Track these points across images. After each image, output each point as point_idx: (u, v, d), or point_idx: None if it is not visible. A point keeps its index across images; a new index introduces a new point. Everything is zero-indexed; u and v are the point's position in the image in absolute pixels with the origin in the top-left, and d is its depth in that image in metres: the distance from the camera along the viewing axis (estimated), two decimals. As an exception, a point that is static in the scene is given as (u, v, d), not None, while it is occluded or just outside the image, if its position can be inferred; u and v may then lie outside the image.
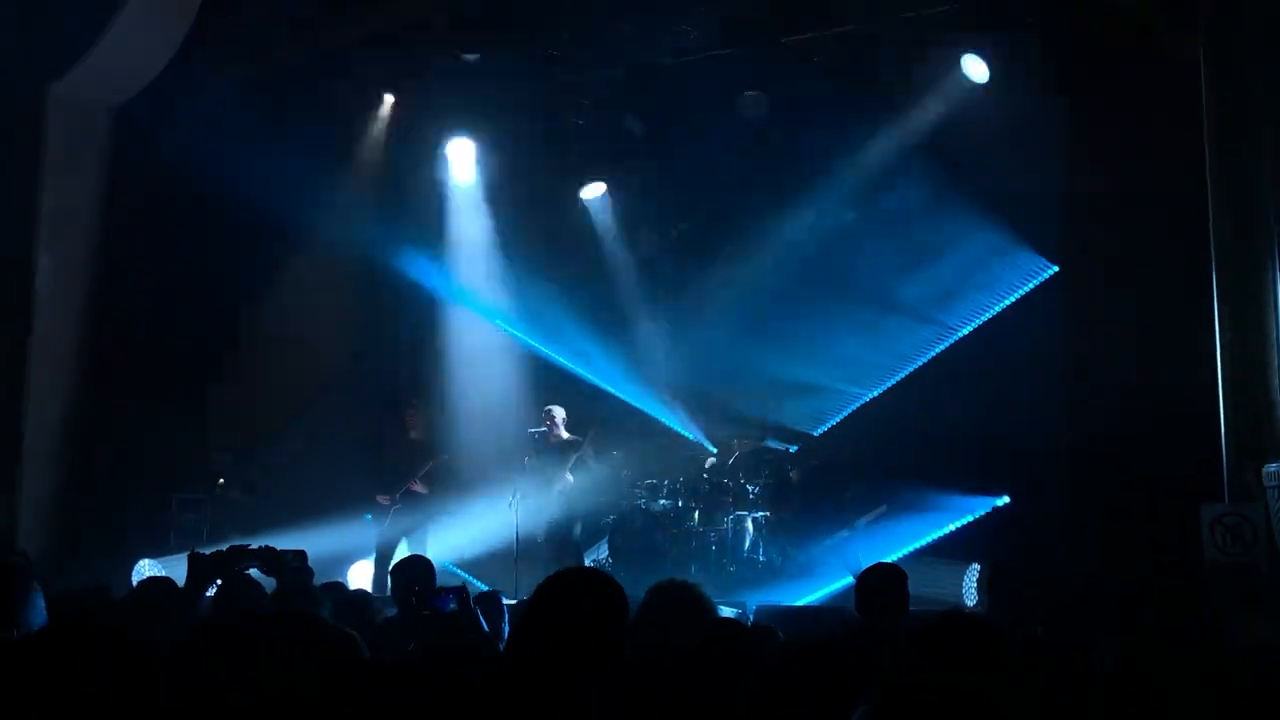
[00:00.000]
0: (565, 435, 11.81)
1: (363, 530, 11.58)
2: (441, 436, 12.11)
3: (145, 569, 11.26)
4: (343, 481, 12.61)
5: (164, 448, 12.55)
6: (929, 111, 11.65)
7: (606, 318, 13.60)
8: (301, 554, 5.98)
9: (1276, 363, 8.00)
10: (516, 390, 13.23)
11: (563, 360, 13.68)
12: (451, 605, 4.69)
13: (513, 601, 6.29)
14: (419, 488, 11.71)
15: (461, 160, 13.71)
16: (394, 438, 12.03)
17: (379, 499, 11.70)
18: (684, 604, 4.04)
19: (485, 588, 8.32)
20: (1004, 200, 11.03)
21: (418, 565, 6.53)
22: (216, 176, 12.48)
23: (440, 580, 6.21)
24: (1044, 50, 10.61)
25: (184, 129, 12.76)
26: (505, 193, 13.81)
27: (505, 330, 13.82)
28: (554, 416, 11.80)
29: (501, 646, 4.54)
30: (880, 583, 5.56)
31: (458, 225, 13.87)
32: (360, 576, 11.47)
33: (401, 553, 11.27)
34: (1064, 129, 10.21)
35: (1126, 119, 9.65)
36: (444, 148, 13.62)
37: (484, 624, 5.04)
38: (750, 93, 12.23)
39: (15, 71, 11.90)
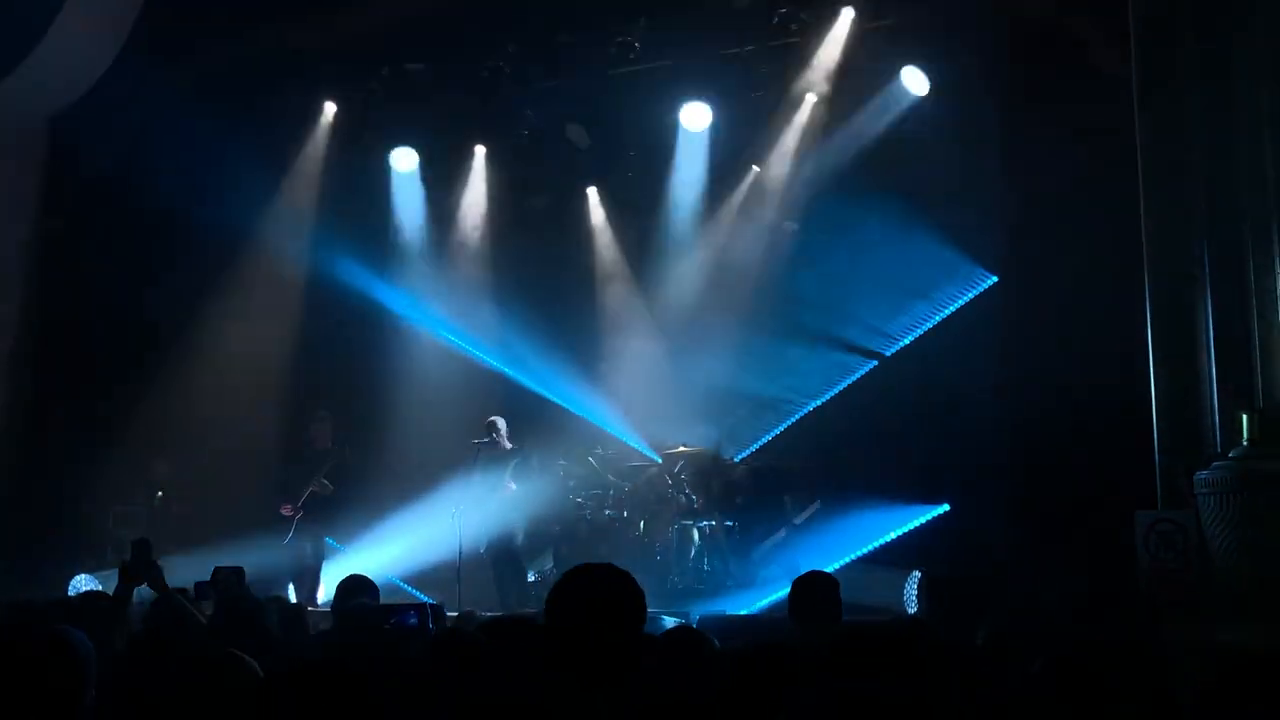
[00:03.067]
0: (507, 445, 11.78)
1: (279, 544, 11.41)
2: (339, 442, 11.82)
3: (82, 583, 11.11)
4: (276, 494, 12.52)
5: (101, 460, 12.40)
6: (869, 123, 11.77)
7: (549, 327, 13.58)
8: (239, 571, 5.98)
9: (1207, 371, 8.15)
10: (458, 401, 13.15)
11: (505, 369, 13.65)
12: (412, 620, 4.72)
13: (455, 614, 6.28)
14: (317, 487, 11.41)
15: (404, 170, 13.66)
16: (297, 450, 11.85)
17: (283, 510, 11.42)
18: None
19: (429, 600, 8.31)
20: (943, 211, 11.14)
21: (357, 583, 6.48)
22: (152, 185, 12.38)
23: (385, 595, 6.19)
24: (981, 63, 10.76)
25: (120, 137, 12.63)
26: (448, 203, 13.78)
27: (446, 340, 13.75)
28: (496, 426, 11.76)
29: None
30: (812, 590, 5.58)
31: (399, 234, 13.81)
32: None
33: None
34: (1001, 141, 10.35)
35: (1062, 131, 9.78)
36: (387, 158, 13.57)
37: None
38: (692, 103, 12.30)
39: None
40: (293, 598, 10.68)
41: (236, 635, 4.55)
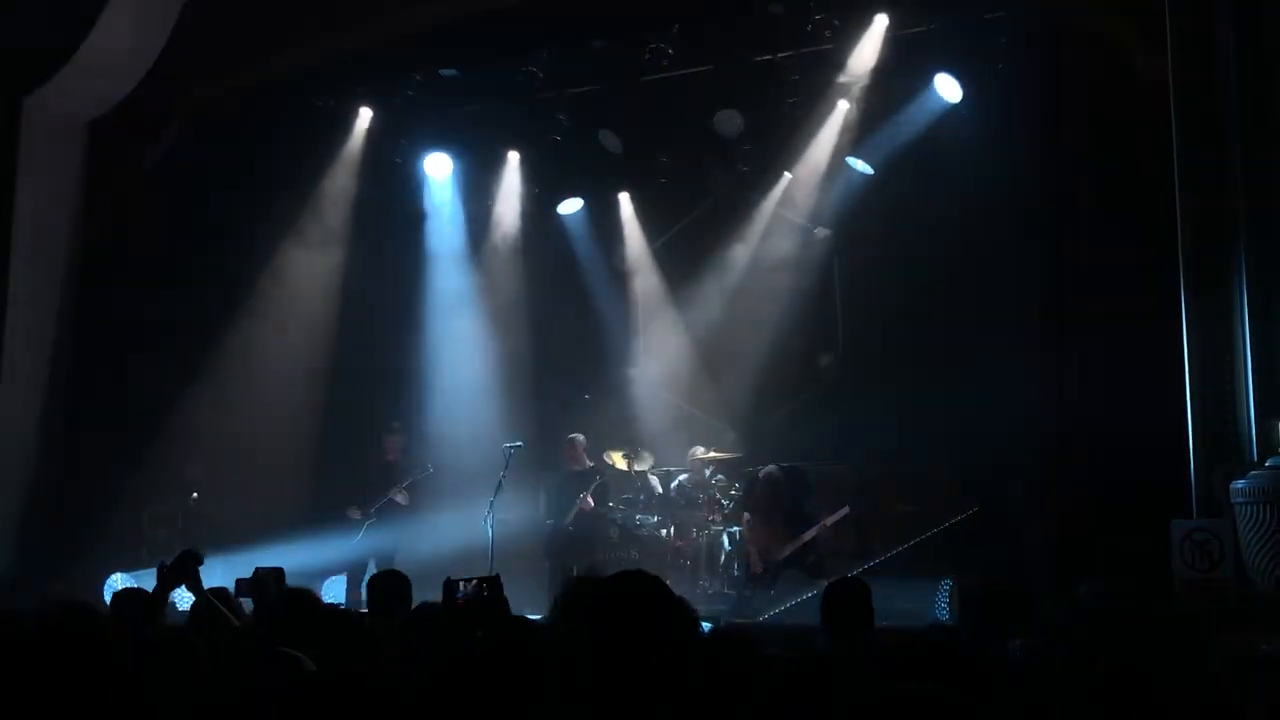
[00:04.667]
0: (588, 463, 11.97)
1: (335, 545, 11.54)
2: (418, 459, 12.07)
3: (118, 582, 11.22)
4: (316, 498, 12.62)
5: (137, 461, 12.49)
6: (901, 129, 11.76)
7: (580, 332, 13.62)
8: (279, 571, 6.03)
9: (1244, 377, 8.10)
10: (489, 403, 13.20)
11: (537, 373, 13.71)
12: (485, 593, 4.75)
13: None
14: (400, 498, 11.72)
15: (439, 175, 13.72)
16: (374, 459, 12.06)
17: (351, 513, 11.74)
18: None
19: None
20: (977, 217, 11.12)
21: (394, 578, 6.53)
22: (189, 189, 12.49)
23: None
24: (1015, 69, 10.73)
25: (160, 142, 12.75)
26: (482, 208, 13.84)
27: (479, 343, 13.80)
28: (576, 444, 11.92)
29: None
30: (845, 598, 5.55)
31: (433, 239, 13.88)
32: (333, 592, 11.46)
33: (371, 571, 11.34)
34: (1035, 147, 10.31)
35: (1098, 137, 9.75)
36: (421, 162, 13.63)
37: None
38: (725, 110, 12.31)
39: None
40: (340, 599, 10.82)
41: (282, 633, 4.60)
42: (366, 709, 2.83)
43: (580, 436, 12.12)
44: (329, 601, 9.24)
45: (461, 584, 4.89)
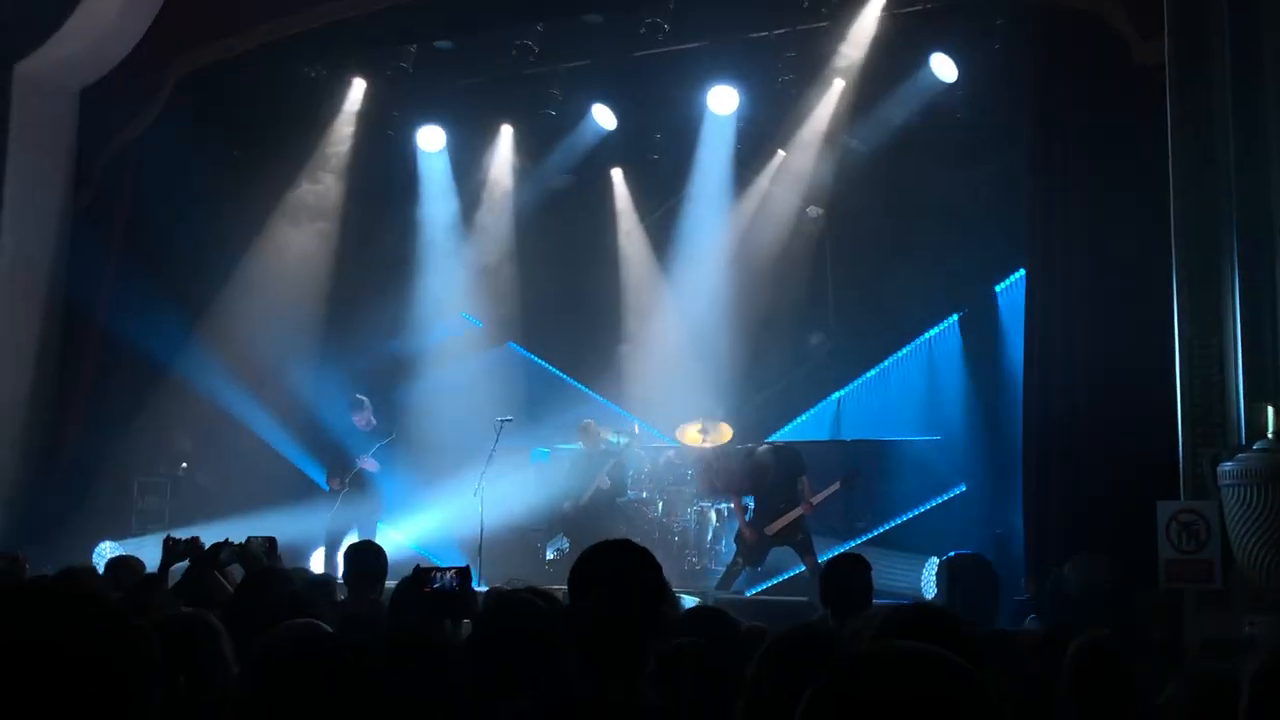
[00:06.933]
0: (602, 445, 12.08)
1: (320, 516, 11.55)
2: (385, 427, 11.95)
3: (106, 551, 11.23)
4: (304, 466, 12.64)
5: (125, 431, 12.49)
6: (896, 108, 11.75)
7: (570, 307, 13.62)
8: (271, 540, 6.06)
9: (1233, 360, 8.14)
10: (478, 379, 13.21)
11: (527, 349, 13.74)
12: (455, 585, 4.76)
13: (484, 588, 6.33)
14: (370, 465, 11.65)
15: (431, 147, 13.68)
16: (343, 431, 11.97)
17: (332, 484, 11.71)
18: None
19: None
20: (971, 198, 11.13)
21: (371, 550, 6.57)
22: (183, 159, 12.43)
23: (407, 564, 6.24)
24: (1011, 50, 10.73)
25: (151, 111, 12.69)
26: (474, 182, 13.82)
27: (468, 319, 13.81)
28: (591, 426, 12.07)
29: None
30: (844, 573, 5.55)
31: (426, 211, 13.85)
32: (320, 562, 11.49)
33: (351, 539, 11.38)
34: (1030, 129, 10.31)
35: (1092, 120, 9.75)
36: (414, 135, 13.60)
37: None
38: (719, 86, 12.30)
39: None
40: (321, 568, 10.81)
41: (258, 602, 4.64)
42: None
43: (592, 422, 12.17)
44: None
45: (436, 574, 4.92)
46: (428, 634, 3.66)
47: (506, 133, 13.64)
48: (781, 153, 12.80)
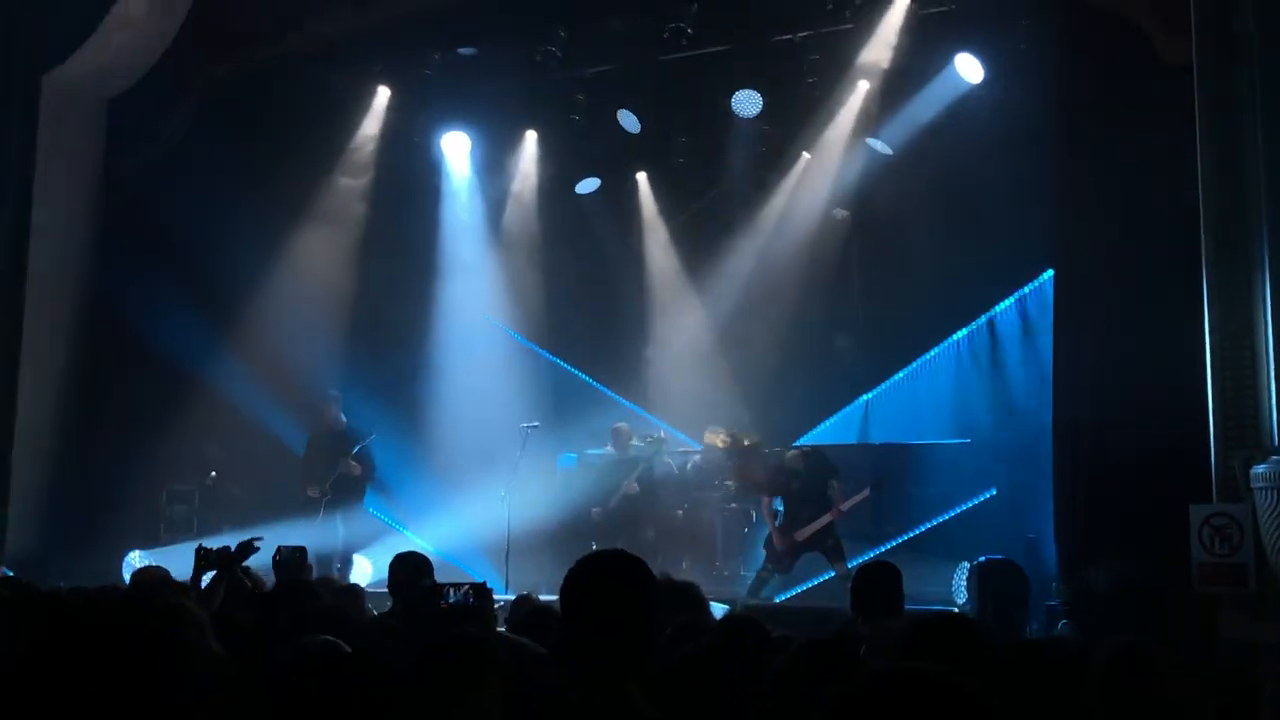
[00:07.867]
0: (631, 452, 12.06)
1: (356, 524, 11.54)
2: (362, 427, 11.82)
3: (136, 560, 11.28)
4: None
5: (155, 439, 12.53)
6: (921, 110, 11.69)
7: (596, 312, 13.62)
8: (302, 550, 6.08)
9: (1265, 362, 8.05)
10: (505, 384, 13.21)
11: (552, 353, 13.74)
12: (471, 600, 4.76)
13: (511, 596, 6.33)
14: (352, 470, 11.43)
15: (456, 154, 13.71)
16: (319, 432, 11.89)
17: (308, 492, 11.49)
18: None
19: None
20: (998, 200, 11.06)
21: (415, 559, 6.55)
22: (211, 167, 12.48)
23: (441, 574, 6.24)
24: (1037, 50, 10.66)
25: (179, 119, 12.76)
26: (499, 187, 13.83)
27: (494, 324, 13.81)
28: (621, 430, 12.08)
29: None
30: (876, 580, 5.49)
31: (451, 217, 13.87)
32: (356, 570, 11.50)
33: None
34: (1057, 129, 10.24)
35: (1120, 119, 9.67)
36: (439, 141, 13.62)
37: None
38: (743, 89, 12.26)
39: (11, 60, 11.87)
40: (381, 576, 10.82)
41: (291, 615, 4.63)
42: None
43: (625, 424, 12.16)
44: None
45: (451, 589, 4.92)
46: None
47: (531, 138, 13.66)
48: (807, 155, 12.76)
